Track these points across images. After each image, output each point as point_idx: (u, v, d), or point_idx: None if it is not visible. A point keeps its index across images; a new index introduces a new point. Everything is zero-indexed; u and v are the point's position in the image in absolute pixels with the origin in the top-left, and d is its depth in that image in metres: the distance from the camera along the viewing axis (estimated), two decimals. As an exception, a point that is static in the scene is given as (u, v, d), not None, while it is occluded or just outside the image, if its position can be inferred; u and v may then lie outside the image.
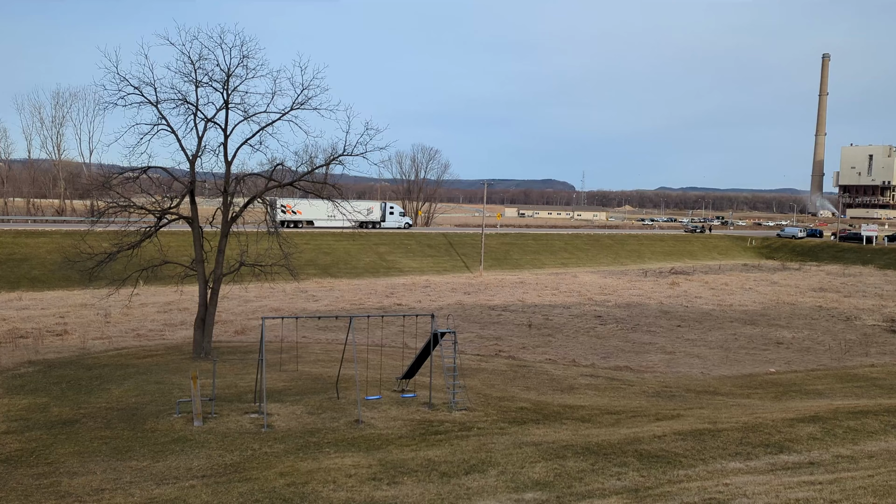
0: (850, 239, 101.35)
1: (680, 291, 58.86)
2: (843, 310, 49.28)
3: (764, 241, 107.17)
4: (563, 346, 35.29)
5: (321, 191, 27.85)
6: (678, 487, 9.94)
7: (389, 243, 75.50)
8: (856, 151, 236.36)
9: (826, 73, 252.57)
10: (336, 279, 60.48)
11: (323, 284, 57.12)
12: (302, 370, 23.48)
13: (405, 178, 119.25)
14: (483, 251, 72.88)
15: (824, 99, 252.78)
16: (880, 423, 15.22)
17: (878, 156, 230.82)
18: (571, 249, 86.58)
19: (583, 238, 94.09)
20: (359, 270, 64.90)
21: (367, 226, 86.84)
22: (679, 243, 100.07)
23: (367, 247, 72.07)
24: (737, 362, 31.99)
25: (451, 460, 12.13)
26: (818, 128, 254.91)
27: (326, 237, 72.63)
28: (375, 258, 69.70)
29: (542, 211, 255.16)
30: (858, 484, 8.69)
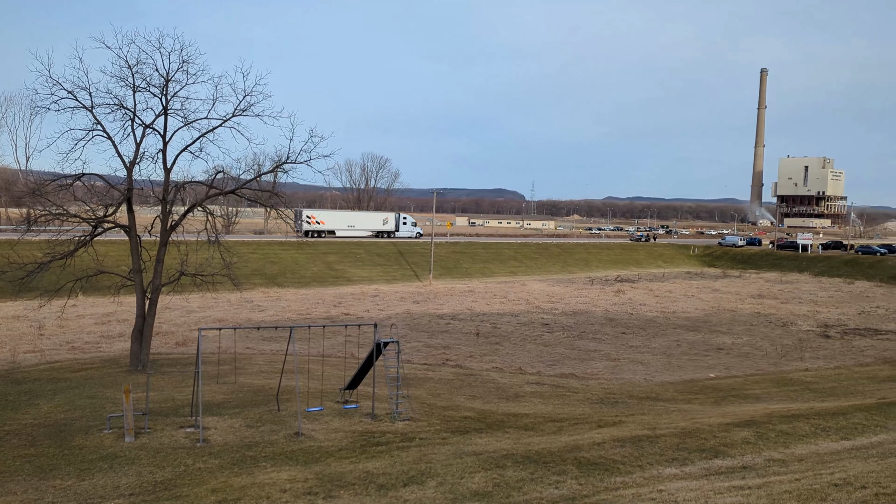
0: (787, 247, 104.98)
1: (625, 299, 59.89)
2: (780, 316, 50.89)
3: (706, 249, 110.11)
4: (511, 354, 35.44)
5: (264, 199, 27.40)
6: (614, 495, 9.99)
7: (338, 252, 74.81)
8: (793, 163, 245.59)
9: (764, 88, 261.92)
10: (283, 289, 59.55)
11: (269, 294, 56.15)
12: (243, 382, 22.93)
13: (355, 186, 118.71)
14: (433, 260, 72.86)
15: (763, 112, 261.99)
16: (811, 427, 15.66)
17: (813, 167, 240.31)
18: (521, 258, 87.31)
19: (532, 247, 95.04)
20: (306, 280, 64.05)
21: (383, 235, 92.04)
22: (625, 252, 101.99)
23: (316, 256, 71.25)
24: (679, 368, 32.64)
25: (390, 472, 11.95)
26: (757, 140, 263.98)
27: (273, 246, 71.52)
28: (324, 267, 68.93)
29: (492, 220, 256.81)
30: (785, 488, 8.87)
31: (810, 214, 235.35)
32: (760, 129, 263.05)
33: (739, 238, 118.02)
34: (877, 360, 34.69)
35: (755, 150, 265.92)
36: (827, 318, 50.25)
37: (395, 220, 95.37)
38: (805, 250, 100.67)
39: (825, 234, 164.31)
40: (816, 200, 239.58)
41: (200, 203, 25.49)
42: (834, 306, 57.13)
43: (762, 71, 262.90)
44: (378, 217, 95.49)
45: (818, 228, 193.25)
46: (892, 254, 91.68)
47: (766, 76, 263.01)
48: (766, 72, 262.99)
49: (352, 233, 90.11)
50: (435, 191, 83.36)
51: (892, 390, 24.15)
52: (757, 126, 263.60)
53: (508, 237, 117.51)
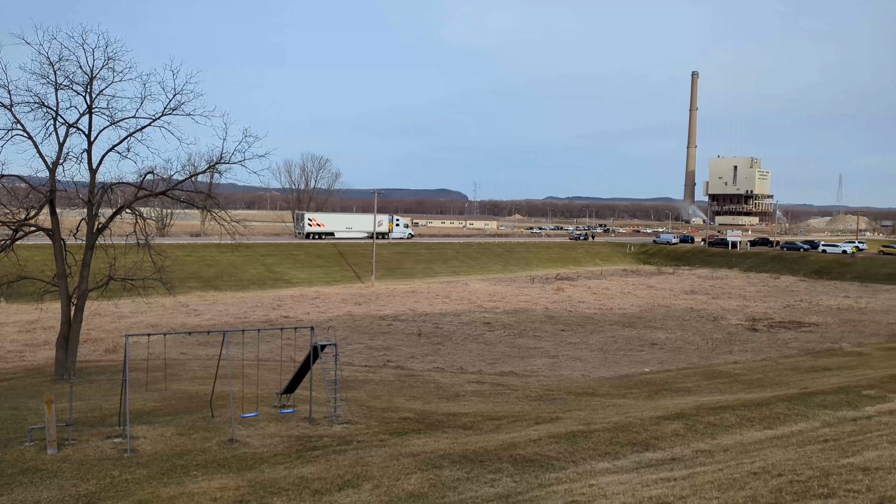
0: (717, 244, 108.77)
1: (565, 297, 60.92)
2: (711, 311, 52.67)
3: (642, 247, 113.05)
4: (452, 353, 35.58)
5: (198, 200, 26.74)
6: (547, 491, 10.15)
7: (277, 254, 73.63)
8: (723, 163, 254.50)
9: (695, 90, 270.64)
10: (220, 292, 58.22)
11: (206, 298, 54.81)
12: (176, 389, 22.32)
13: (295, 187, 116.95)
14: (374, 261, 72.48)
15: (694, 113, 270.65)
16: (737, 418, 16.25)
17: (741, 167, 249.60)
18: (463, 258, 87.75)
19: (474, 246, 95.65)
20: (244, 283, 62.79)
21: (378, 237, 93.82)
22: (565, 250, 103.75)
23: (254, 258, 69.93)
24: (615, 363, 33.39)
25: (326, 477, 11.83)
26: (689, 141, 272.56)
27: (210, 248, 69.84)
28: (262, 270, 67.71)
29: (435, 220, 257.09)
30: (708, 478, 9.18)
31: (739, 212, 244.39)
32: (692, 130, 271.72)
33: (673, 236, 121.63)
34: (800, 351, 36.28)
35: (687, 151, 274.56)
36: (755, 312, 52.27)
37: (388, 222, 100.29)
38: (734, 247, 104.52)
39: (753, 231, 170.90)
40: (745, 199, 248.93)
41: (129, 205, 24.67)
42: (761, 301, 59.48)
43: (693, 74, 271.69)
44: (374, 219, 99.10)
45: (747, 226, 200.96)
46: (815, 250, 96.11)
47: (697, 79, 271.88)
48: (696, 74, 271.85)
49: (350, 234, 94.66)
50: (377, 191, 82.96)
51: (813, 380, 25.27)
52: (689, 127, 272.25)
53: (451, 237, 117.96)
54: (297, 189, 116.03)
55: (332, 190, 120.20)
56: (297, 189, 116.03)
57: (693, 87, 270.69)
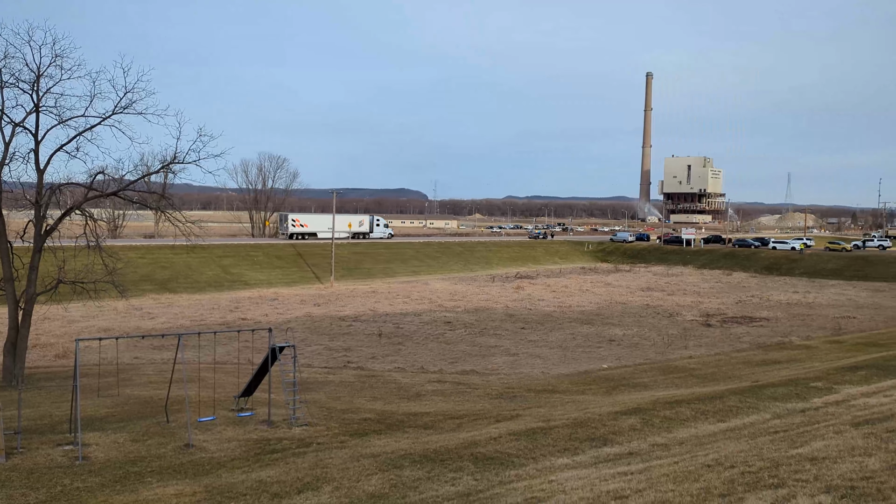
0: (672, 242, 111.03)
1: (524, 295, 61.41)
2: (666, 307, 53.72)
3: (599, 245, 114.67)
4: (413, 353, 35.56)
5: (151, 201, 26.19)
6: (507, 488, 10.22)
7: (234, 255, 72.53)
8: (677, 162, 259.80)
9: (650, 90, 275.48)
10: (175, 294, 57.09)
11: (160, 300, 53.69)
12: (130, 394, 21.81)
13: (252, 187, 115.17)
14: (334, 261, 71.97)
15: (649, 114, 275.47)
16: (692, 411, 16.61)
17: (695, 166, 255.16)
18: (423, 257, 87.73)
19: (434, 246, 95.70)
20: (201, 285, 61.68)
21: (359, 236, 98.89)
22: (524, 249, 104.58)
23: (210, 260, 68.75)
24: (574, 360, 33.80)
25: (285, 480, 11.70)
26: (644, 140, 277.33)
27: (164, 250, 68.40)
28: (219, 271, 66.62)
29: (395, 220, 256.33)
30: (663, 471, 9.37)
31: (693, 211, 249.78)
32: (647, 130, 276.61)
33: (630, 234, 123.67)
34: (751, 345, 37.26)
35: (643, 151, 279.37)
36: (708, 307, 53.49)
37: (369, 222, 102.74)
38: (689, 244, 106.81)
39: (707, 228, 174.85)
40: (699, 197, 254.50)
41: (79, 206, 24.02)
42: (714, 297, 60.90)
43: (648, 75, 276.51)
44: (355, 219, 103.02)
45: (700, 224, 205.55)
46: (765, 247, 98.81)
47: (652, 80, 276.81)
48: (651, 76, 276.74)
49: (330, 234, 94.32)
50: (335, 191, 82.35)
51: (764, 373, 25.98)
52: (644, 127, 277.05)
53: (411, 236, 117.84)
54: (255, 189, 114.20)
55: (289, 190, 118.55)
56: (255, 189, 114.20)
57: (648, 88, 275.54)
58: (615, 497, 8.12)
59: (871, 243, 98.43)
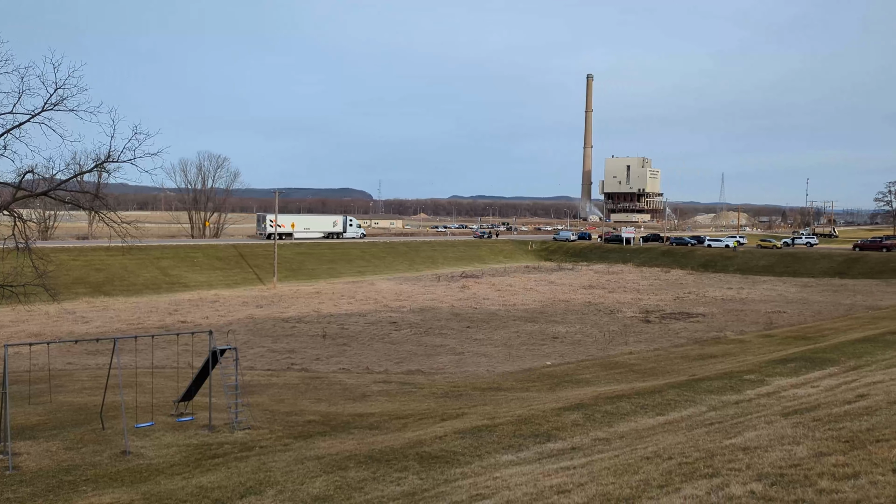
0: (613, 241, 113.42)
1: (470, 294, 61.76)
2: (607, 304, 54.87)
3: (543, 244, 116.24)
4: (358, 354, 35.33)
5: (84, 201, 25.23)
6: (452, 486, 10.28)
7: (173, 257, 70.60)
8: (617, 163, 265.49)
9: (591, 92, 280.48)
10: (111, 298, 55.22)
11: (95, 304, 51.85)
12: (63, 401, 21.00)
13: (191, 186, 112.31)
14: (276, 262, 70.86)
15: (590, 115, 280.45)
16: (632, 406, 17.04)
17: (634, 167, 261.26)
18: (368, 258, 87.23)
19: (379, 246, 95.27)
20: (138, 287, 59.83)
21: (333, 236, 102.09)
22: (469, 248, 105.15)
23: (147, 261, 66.75)
24: (518, 358, 34.18)
25: (226, 485, 11.49)
26: (585, 141, 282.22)
27: (98, 252, 66.06)
28: (157, 273, 64.75)
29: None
30: (604, 465, 9.59)
31: (633, 210, 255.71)
32: (588, 130, 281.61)
33: (572, 233, 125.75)
34: (689, 340, 38.40)
35: (584, 151, 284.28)
36: (648, 304, 54.89)
37: (343, 223, 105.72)
38: (628, 243, 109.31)
39: (646, 227, 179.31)
40: (638, 197, 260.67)
41: (6, 207, 22.94)
42: (653, 293, 62.52)
43: (588, 77, 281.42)
44: (329, 220, 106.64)
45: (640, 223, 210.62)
46: (701, 244, 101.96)
47: (592, 81, 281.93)
48: (591, 78, 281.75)
49: (307, 234, 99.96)
50: (277, 190, 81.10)
51: (700, 368, 26.82)
52: (585, 128, 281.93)
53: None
54: (194, 189, 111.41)
55: (230, 189, 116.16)
56: (194, 189, 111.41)
57: (588, 89, 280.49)
58: (558, 492, 8.26)
59: (800, 241, 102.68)
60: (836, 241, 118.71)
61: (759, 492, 6.82)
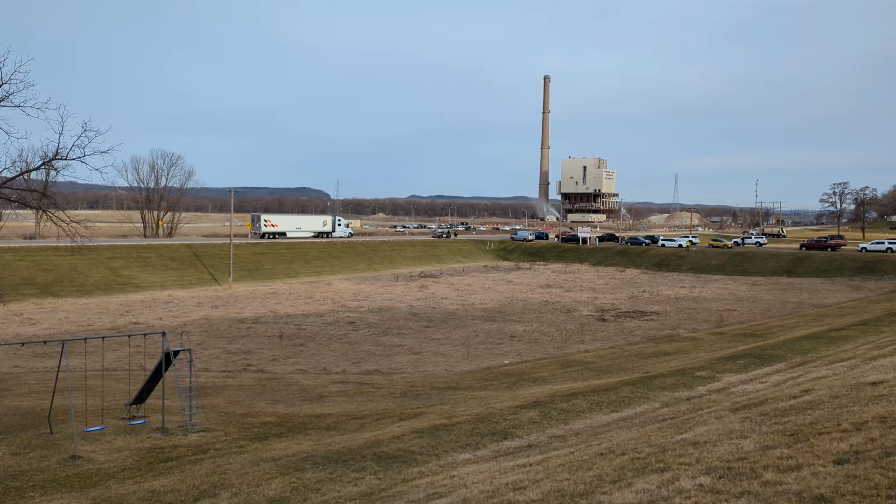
0: (570, 240, 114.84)
1: (428, 294, 61.81)
2: (564, 303, 55.54)
3: (501, 244, 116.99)
4: (316, 354, 35.05)
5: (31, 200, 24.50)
6: (410, 486, 10.31)
7: (125, 257, 68.92)
8: (573, 163, 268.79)
9: (548, 93, 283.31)
10: (59, 299, 53.62)
11: (42, 306, 50.29)
12: (9, 405, 20.34)
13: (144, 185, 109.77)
14: (232, 262, 69.77)
15: (547, 116, 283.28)
16: (587, 403, 17.32)
17: (590, 167, 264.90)
18: (326, 257, 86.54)
19: (337, 245, 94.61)
20: (88, 288, 58.22)
21: (323, 235, 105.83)
22: (428, 248, 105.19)
23: (98, 261, 65.02)
24: (477, 357, 34.36)
25: (180, 488, 11.30)
26: (543, 141, 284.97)
27: (47, 252, 64.09)
28: (108, 273, 63.12)
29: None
30: (560, 462, 9.76)
31: (589, 210, 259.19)
32: (545, 131, 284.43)
33: (529, 233, 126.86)
34: (643, 338, 39.15)
35: (541, 152, 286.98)
36: (603, 303, 55.75)
37: (332, 222, 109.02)
38: (585, 243, 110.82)
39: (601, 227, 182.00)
40: (594, 197, 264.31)
41: (-53, 204, 22.16)
42: (609, 292, 63.51)
43: (545, 78, 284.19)
44: (319, 220, 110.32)
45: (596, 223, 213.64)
46: (655, 244, 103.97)
47: (549, 83, 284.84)
48: (548, 79, 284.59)
49: (299, 234, 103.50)
50: (233, 189, 79.83)
51: (654, 365, 27.39)
52: (542, 129, 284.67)
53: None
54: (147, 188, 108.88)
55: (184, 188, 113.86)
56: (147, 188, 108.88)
57: (545, 91, 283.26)
58: (514, 489, 8.37)
59: (749, 240, 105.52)
60: (785, 241, 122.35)
61: (707, 485, 7.03)
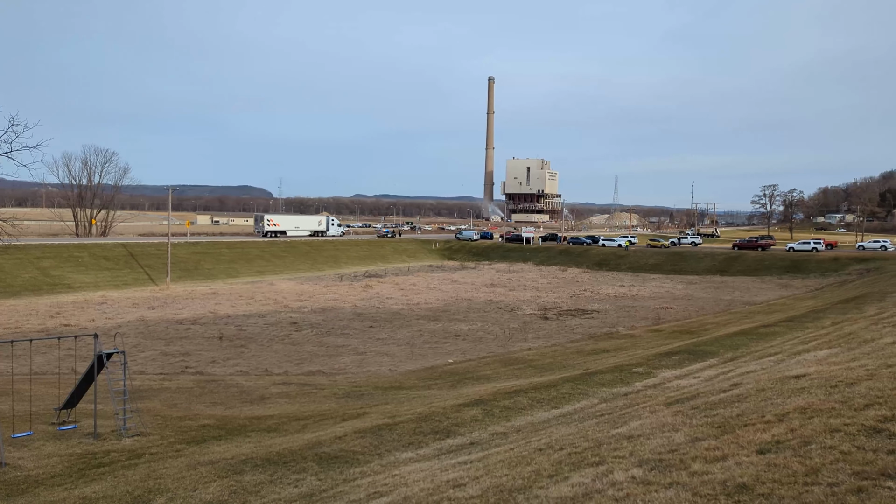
0: (514, 240, 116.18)
1: (373, 293, 61.55)
2: (508, 302, 56.16)
3: (446, 243, 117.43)
4: (257, 356, 34.50)
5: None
6: (351, 486, 10.28)
7: (55, 256, 66.31)
8: (517, 164, 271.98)
9: (492, 94, 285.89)
10: (-17, 300, 51.20)
11: (-35, 307, 47.93)
12: (-73, 414, 19.33)
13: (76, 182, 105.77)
14: (170, 262, 67.93)
15: (491, 117, 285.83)
16: (529, 400, 17.57)
17: (534, 168, 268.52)
18: (268, 257, 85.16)
19: (280, 245, 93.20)
20: (15, 289, 55.78)
21: (318, 234, 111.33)
22: (373, 248, 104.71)
23: (26, 261, 62.36)
24: (421, 356, 34.42)
25: (112, 494, 10.97)
26: (487, 142, 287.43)
27: (-30, 251, 61.07)
28: (37, 274, 60.60)
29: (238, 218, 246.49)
30: (500, 458, 9.88)
31: (533, 210, 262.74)
32: (490, 132, 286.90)
33: (474, 233, 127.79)
34: (584, 336, 39.94)
35: (486, 152, 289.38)
36: (546, 301, 56.60)
37: (326, 222, 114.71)
38: (528, 243, 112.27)
39: (545, 227, 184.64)
40: (537, 198, 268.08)
41: None
42: (552, 291, 64.52)
43: (489, 79, 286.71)
44: (315, 219, 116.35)
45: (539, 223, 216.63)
46: (596, 244, 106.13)
47: (493, 84, 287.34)
48: (493, 80, 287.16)
49: (297, 233, 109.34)
50: (171, 187, 77.74)
51: (594, 362, 27.97)
52: (487, 130, 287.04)
53: (255, 236, 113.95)
54: (79, 185, 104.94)
55: (119, 186, 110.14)
56: (79, 185, 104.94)
57: (490, 91, 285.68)
58: (454, 486, 8.45)
59: (685, 240, 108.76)
60: (718, 241, 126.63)
61: (639, 477, 7.25)
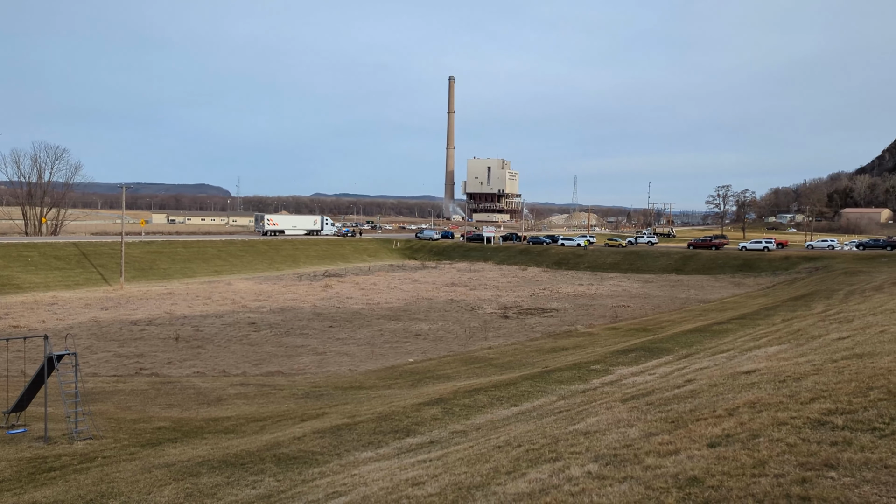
0: (474, 239, 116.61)
1: (333, 293, 61.11)
2: (469, 301, 56.37)
3: (407, 243, 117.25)
4: (214, 356, 33.98)
5: None
6: (309, 486, 10.23)
7: (3, 256, 64.21)
8: (478, 164, 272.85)
9: (453, 93, 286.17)
10: (-75, 301, 49.29)
11: None
12: None
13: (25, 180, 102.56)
14: (124, 262, 66.37)
15: (452, 116, 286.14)
16: (489, 398, 17.70)
17: (494, 168, 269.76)
18: (226, 256, 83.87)
19: (238, 244, 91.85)
20: (-41, 289, 53.81)
21: (314, 233, 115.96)
22: (333, 247, 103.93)
23: (-28, 260, 60.22)
24: (381, 356, 34.34)
25: (63, 499, 10.71)
26: (448, 141, 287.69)
27: (-90, 250, 58.75)
28: (-17, 274, 58.58)
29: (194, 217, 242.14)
30: (459, 456, 9.96)
31: (493, 210, 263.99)
32: (451, 131, 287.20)
33: (435, 232, 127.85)
34: (543, 334, 40.35)
35: (447, 152, 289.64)
36: (506, 300, 56.99)
37: (321, 221, 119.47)
38: (489, 242, 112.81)
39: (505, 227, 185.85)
40: (498, 197, 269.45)
41: None
42: (512, 290, 64.98)
43: (450, 78, 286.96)
44: (311, 219, 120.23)
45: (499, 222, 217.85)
46: (555, 243, 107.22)
47: (454, 83, 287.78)
48: (453, 79, 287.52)
49: (295, 232, 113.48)
50: (125, 185, 75.97)
51: (553, 360, 28.29)
52: (447, 129, 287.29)
53: (212, 234, 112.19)
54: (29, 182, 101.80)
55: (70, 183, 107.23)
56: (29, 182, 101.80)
57: (450, 91, 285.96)
58: (413, 484, 8.48)
59: (642, 240, 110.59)
60: (674, 241, 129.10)
61: (594, 471, 7.40)
